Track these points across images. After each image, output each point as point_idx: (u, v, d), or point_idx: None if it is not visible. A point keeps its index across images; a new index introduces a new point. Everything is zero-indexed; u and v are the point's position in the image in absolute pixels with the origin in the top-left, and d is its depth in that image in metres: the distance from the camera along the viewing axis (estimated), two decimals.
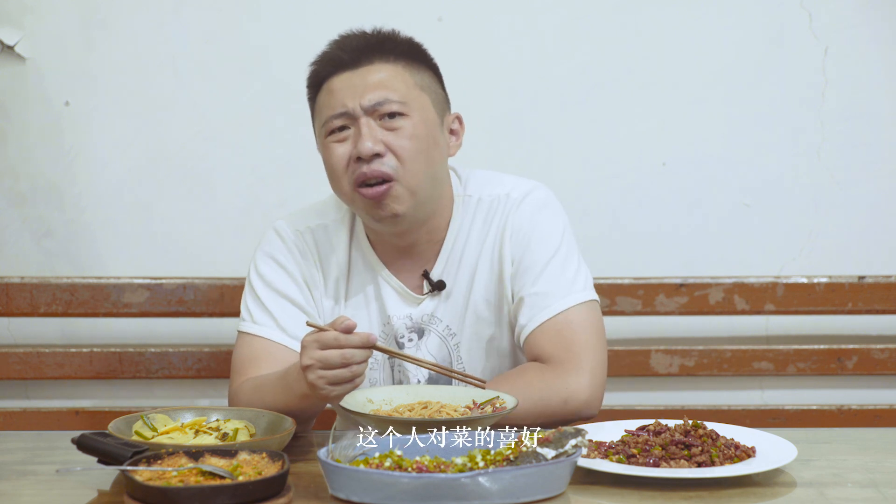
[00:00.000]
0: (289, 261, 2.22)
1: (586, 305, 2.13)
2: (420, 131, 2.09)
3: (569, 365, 2.06)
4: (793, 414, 3.00)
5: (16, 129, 2.99)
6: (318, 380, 1.84)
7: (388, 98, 2.09)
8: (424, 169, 2.09)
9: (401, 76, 2.12)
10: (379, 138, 2.08)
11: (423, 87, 2.13)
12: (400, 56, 2.14)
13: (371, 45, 2.13)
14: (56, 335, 3.02)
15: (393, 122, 2.08)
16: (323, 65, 2.14)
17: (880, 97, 3.03)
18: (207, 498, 1.55)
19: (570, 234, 2.20)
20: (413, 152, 2.08)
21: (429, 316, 2.19)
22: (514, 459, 1.64)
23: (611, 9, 3.01)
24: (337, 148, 2.11)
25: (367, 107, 2.08)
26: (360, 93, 2.09)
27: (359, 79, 2.10)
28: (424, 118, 2.11)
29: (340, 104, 2.09)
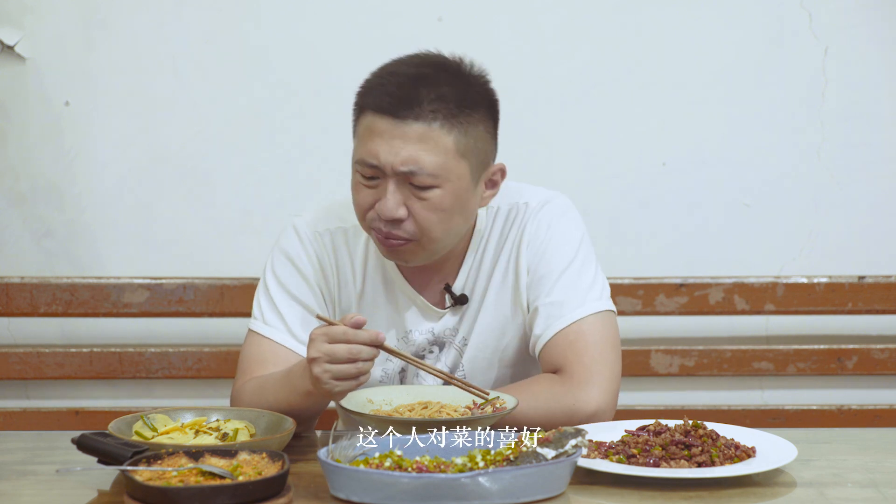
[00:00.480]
0: (305, 263, 2.18)
1: (601, 315, 2.10)
2: (447, 202, 2.02)
3: (579, 377, 2.03)
4: (793, 414, 3.00)
5: (16, 129, 2.99)
6: (323, 374, 1.84)
7: (422, 169, 1.98)
8: (443, 234, 2.04)
9: (441, 143, 2.00)
10: (402, 202, 2.00)
11: (464, 152, 2.02)
12: (450, 114, 2.00)
13: (421, 97, 1.99)
14: (56, 335, 3.02)
15: (421, 192, 2.00)
16: (368, 97, 2.03)
17: (880, 97, 3.03)
18: (207, 498, 1.55)
19: (587, 244, 2.16)
20: (434, 222, 2.02)
21: (451, 330, 2.17)
22: (514, 459, 1.64)
23: (611, 9, 3.01)
24: (364, 190, 2.04)
25: (398, 172, 1.99)
26: (395, 152, 1.99)
27: (398, 134, 1.99)
28: (456, 188, 2.02)
29: (374, 156, 2.00)
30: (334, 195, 2.96)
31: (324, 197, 3.00)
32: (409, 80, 2.01)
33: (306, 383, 1.89)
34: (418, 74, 2.02)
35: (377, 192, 2.02)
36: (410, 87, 2.00)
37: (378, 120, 2.01)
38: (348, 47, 3.00)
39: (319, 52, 3.01)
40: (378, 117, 2.01)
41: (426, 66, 2.04)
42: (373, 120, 2.01)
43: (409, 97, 1.99)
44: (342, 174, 3.00)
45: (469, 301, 2.16)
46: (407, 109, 1.99)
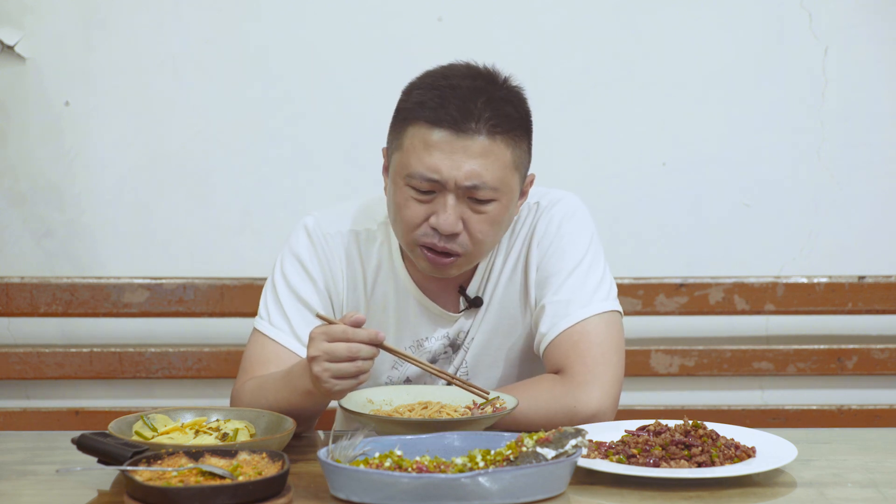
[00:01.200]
0: (314, 265, 2.16)
1: (606, 316, 2.10)
2: (502, 216, 2.03)
3: (580, 378, 2.03)
4: (793, 414, 3.00)
5: (16, 129, 2.99)
6: (322, 372, 1.83)
7: (485, 184, 1.98)
8: (492, 245, 2.07)
9: (501, 156, 2.00)
10: (460, 216, 2.00)
11: (517, 165, 2.04)
12: (508, 129, 2.01)
13: (481, 110, 1.99)
14: (56, 335, 3.02)
15: (480, 205, 2.00)
16: (425, 108, 2.00)
17: (880, 97, 3.03)
18: (207, 498, 1.55)
19: (597, 244, 2.17)
20: (488, 234, 2.03)
21: (465, 333, 2.18)
22: (514, 459, 1.64)
23: (611, 9, 3.01)
24: (415, 205, 2.01)
25: (461, 186, 1.98)
26: (458, 166, 1.97)
27: (460, 148, 1.98)
28: (509, 201, 2.04)
29: (435, 170, 1.98)
30: (336, 195, 3.00)
31: (324, 197, 3.01)
32: (468, 92, 2.00)
33: (306, 382, 1.89)
34: (475, 87, 2.01)
35: (430, 206, 2.01)
36: (470, 99, 1.99)
37: (436, 132, 1.98)
38: (348, 47, 3.00)
39: (319, 52, 3.01)
40: (436, 130, 1.98)
41: (479, 80, 2.03)
42: (428, 132, 1.99)
43: (472, 111, 1.99)
44: (342, 174, 3.02)
45: (483, 304, 2.16)
46: (469, 122, 1.98)
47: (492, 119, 2.00)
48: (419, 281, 2.16)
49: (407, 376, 2.18)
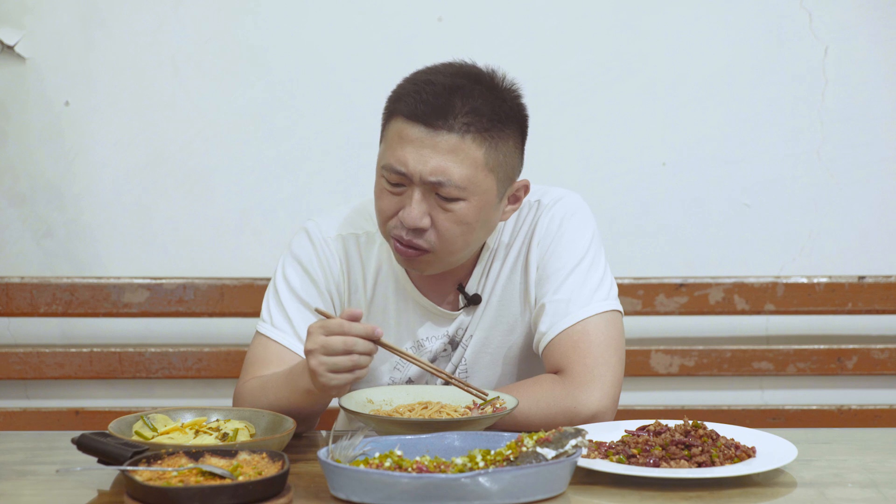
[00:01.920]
0: (315, 268, 2.17)
1: (606, 316, 2.09)
2: (471, 216, 2.02)
3: (580, 378, 2.03)
4: (793, 414, 3.00)
5: (16, 129, 2.99)
6: (318, 366, 1.83)
7: (449, 181, 1.98)
8: (463, 246, 2.05)
9: (472, 154, 1.99)
10: (427, 212, 2.00)
11: (493, 166, 2.02)
12: (483, 128, 2.00)
13: (455, 107, 1.99)
14: (56, 335, 3.02)
15: (447, 203, 2.00)
16: (401, 103, 2.01)
17: (880, 97, 3.03)
18: (207, 498, 1.55)
19: (598, 244, 2.16)
20: (456, 234, 2.02)
21: (463, 330, 2.18)
22: (514, 459, 1.64)
23: (611, 9, 3.01)
24: (388, 196, 2.03)
25: (426, 181, 1.99)
26: (425, 161, 1.98)
27: (429, 144, 1.98)
28: (481, 202, 2.03)
29: (403, 163, 1.99)
30: (336, 195, 3.00)
31: (323, 196, 3.01)
32: (444, 89, 2.00)
33: (306, 381, 1.90)
34: (453, 85, 2.01)
35: (401, 199, 2.02)
36: (445, 96, 1.99)
37: (409, 127, 2.00)
38: (348, 47, 3.00)
39: (319, 52, 3.01)
40: (409, 124, 2.00)
41: (461, 77, 2.03)
42: (403, 126, 2.00)
43: (443, 107, 1.99)
44: (342, 173, 3.02)
45: (481, 301, 2.16)
46: (440, 119, 1.98)
47: (464, 116, 1.99)
48: (418, 281, 2.16)
49: (409, 377, 2.18)
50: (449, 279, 2.16)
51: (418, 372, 2.17)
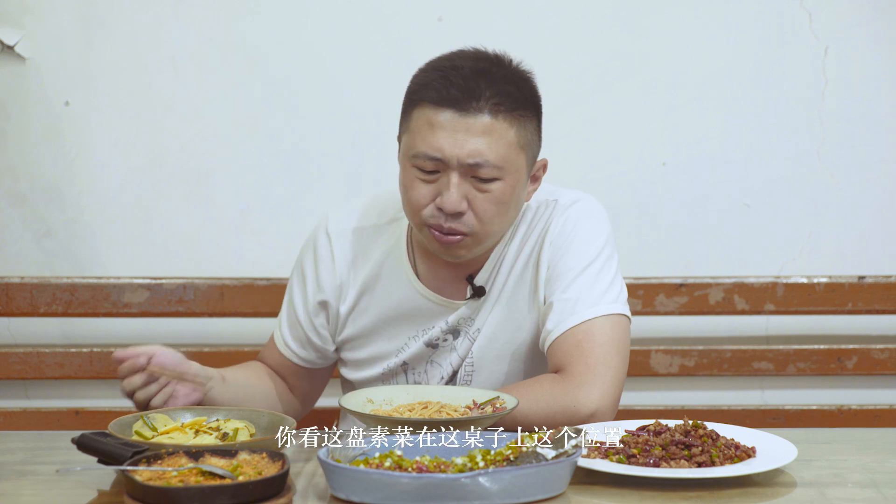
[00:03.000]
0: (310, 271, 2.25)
1: (612, 318, 2.10)
2: (507, 195, 2.05)
3: (581, 378, 2.04)
4: (793, 414, 3.00)
5: (16, 129, 2.99)
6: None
7: (487, 161, 2.01)
8: (500, 227, 2.08)
9: (505, 134, 2.02)
10: (464, 195, 2.03)
11: (523, 144, 2.05)
12: (511, 107, 2.03)
13: (483, 89, 2.02)
14: (56, 335, 3.02)
15: (484, 184, 2.03)
16: (429, 90, 2.03)
17: (880, 97, 3.03)
18: (207, 498, 1.55)
19: (611, 247, 2.18)
20: (494, 215, 2.05)
21: (465, 319, 2.19)
22: (514, 459, 1.64)
23: (611, 9, 3.01)
24: (421, 185, 2.04)
25: (464, 164, 2.01)
26: (461, 145, 2.00)
27: (462, 127, 2.01)
28: (515, 181, 2.05)
29: (437, 149, 2.01)
30: (336, 195, 3.00)
31: (323, 196, 3.01)
32: (471, 73, 2.03)
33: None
34: (478, 68, 2.04)
35: (436, 186, 2.04)
36: (473, 80, 2.02)
37: (439, 113, 2.02)
38: (348, 47, 3.00)
39: (319, 52, 3.01)
40: (439, 110, 2.02)
41: (483, 62, 2.06)
42: (432, 113, 2.02)
43: (473, 90, 2.01)
44: (342, 173, 3.02)
45: (486, 293, 2.17)
46: (472, 101, 2.01)
47: (493, 98, 2.02)
48: (424, 272, 2.19)
49: (404, 360, 2.21)
50: (456, 270, 2.18)
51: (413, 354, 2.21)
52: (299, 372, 2.31)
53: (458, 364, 2.20)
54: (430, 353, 2.20)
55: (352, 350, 2.26)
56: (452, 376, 2.21)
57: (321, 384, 2.38)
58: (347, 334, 2.25)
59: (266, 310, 2.91)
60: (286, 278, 2.38)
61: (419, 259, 2.19)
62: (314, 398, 2.38)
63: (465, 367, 2.20)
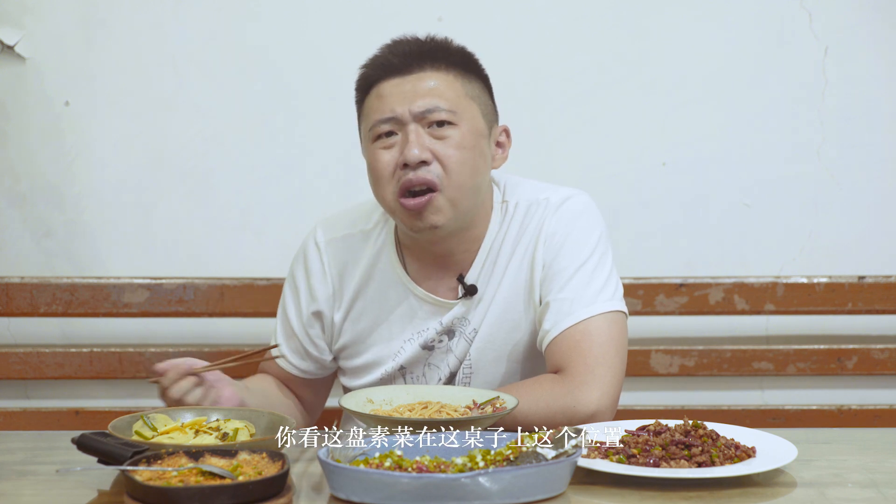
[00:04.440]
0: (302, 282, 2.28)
1: (609, 316, 2.11)
2: (467, 141, 2.08)
3: (580, 378, 2.04)
4: (793, 414, 3.00)
5: (16, 129, 2.99)
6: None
7: (438, 106, 2.07)
8: (469, 179, 2.09)
9: (451, 84, 2.10)
10: (426, 146, 2.06)
11: (472, 96, 2.12)
12: (451, 64, 2.12)
13: (423, 52, 2.11)
14: (56, 335, 3.02)
15: (441, 130, 2.07)
16: (373, 68, 2.13)
17: (880, 97, 3.03)
18: (207, 498, 1.55)
19: (605, 244, 2.18)
20: (459, 162, 2.07)
21: (460, 319, 2.19)
22: (514, 459, 1.64)
23: (611, 9, 3.01)
24: (383, 154, 2.09)
25: (416, 113, 2.07)
26: (410, 99, 2.07)
27: (409, 85, 2.09)
28: (473, 128, 2.10)
29: (389, 109, 2.08)
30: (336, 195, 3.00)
31: (323, 196, 3.01)
32: (409, 44, 2.13)
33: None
34: (418, 40, 2.14)
35: (397, 148, 2.08)
36: (414, 46, 2.12)
37: (386, 84, 2.10)
38: (348, 47, 3.00)
39: (319, 52, 3.01)
40: (386, 82, 2.10)
41: (423, 38, 2.15)
42: (381, 87, 2.11)
43: (414, 54, 2.11)
44: (342, 174, 3.02)
45: (478, 292, 2.17)
46: (413, 63, 2.10)
47: (431, 56, 2.11)
48: (415, 272, 2.20)
49: (402, 363, 2.21)
50: (449, 271, 2.19)
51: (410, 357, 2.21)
52: (300, 383, 2.32)
53: (456, 366, 2.20)
54: (426, 356, 2.20)
55: (349, 358, 2.26)
56: (450, 378, 2.21)
57: (323, 394, 2.38)
58: (344, 342, 2.25)
59: (266, 310, 2.91)
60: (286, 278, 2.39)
61: (409, 259, 2.20)
62: (318, 408, 2.38)
63: (463, 370, 2.20)
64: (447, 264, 2.18)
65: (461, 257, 2.18)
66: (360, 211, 2.28)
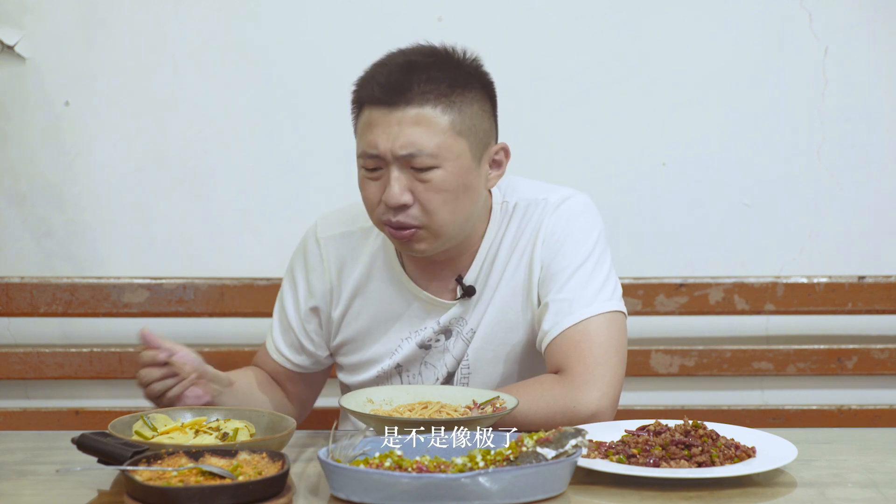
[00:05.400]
0: (301, 277, 2.27)
1: (609, 316, 2.10)
2: (450, 182, 2.04)
3: (580, 378, 2.04)
4: (793, 414, 3.00)
5: (16, 129, 2.99)
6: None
7: (421, 150, 2.02)
8: (451, 217, 2.07)
9: (436, 122, 2.03)
10: (406, 187, 2.03)
11: (461, 130, 2.05)
12: (442, 95, 2.03)
13: (411, 84, 2.03)
14: (56, 335, 3.02)
15: (424, 174, 2.03)
16: (362, 91, 2.09)
17: (880, 97, 3.03)
18: (207, 498, 1.55)
19: (603, 243, 2.17)
20: (440, 204, 2.04)
21: (457, 319, 2.19)
22: (514, 459, 1.64)
23: (611, 9, 3.01)
24: (370, 184, 2.07)
25: (398, 156, 2.02)
26: (393, 139, 2.02)
27: (394, 121, 2.03)
28: (458, 167, 2.05)
29: (373, 146, 2.04)
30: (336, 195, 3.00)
31: (324, 196, 3.01)
32: (398, 68, 2.06)
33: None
34: (407, 62, 2.06)
35: (382, 182, 2.06)
36: (400, 74, 2.04)
37: (373, 112, 2.05)
38: (348, 47, 3.00)
39: (319, 52, 3.01)
40: (373, 109, 2.05)
41: (416, 55, 2.08)
42: (369, 113, 2.06)
43: (400, 84, 2.03)
44: (342, 174, 3.02)
45: (476, 293, 2.17)
46: (398, 96, 2.03)
47: (421, 87, 2.03)
48: (413, 272, 2.20)
49: (398, 361, 2.21)
50: (447, 271, 2.18)
51: (407, 355, 2.21)
52: (294, 377, 2.32)
53: (454, 366, 2.20)
54: (423, 355, 2.20)
55: (347, 354, 2.26)
56: (448, 378, 2.21)
57: (317, 388, 2.38)
58: (342, 339, 2.25)
59: (266, 310, 2.91)
60: None
61: (407, 259, 2.20)
62: (310, 403, 2.39)
63: (461, 370, 2.20)
64: (445, 265, 2.18)
65: (459, 259, 2.17)
66: (360, 208, 2.25)
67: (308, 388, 2.35)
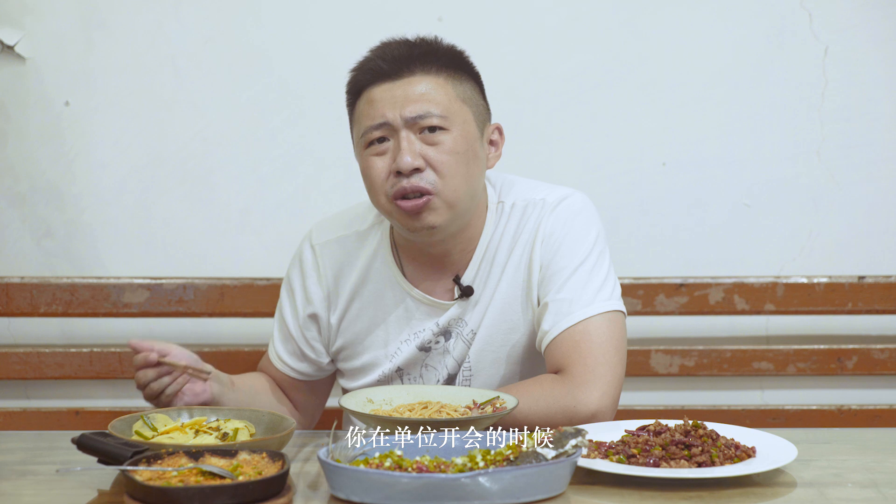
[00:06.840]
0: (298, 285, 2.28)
1: (608, 316, 2.11)
2: (460, 146, 2.07)
3: (580, 378, 2.04)
4: (793, 414, 3.00)
5: (16, 129, 2.99)
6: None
7: (430, 111, 2.06)
8: (463, 183, 2.08)
9: (442, 88, 2.08)
10: (418, 152, 2.05)
11: (464, 99, 2.10)
12: (442, 67, 2.10)
13: (413, 55, 2.09)
14: (56, 335, 3.02)
15: (433, 136, 2.06)
16: (363, 73, 2.11)
17: (880, 97, 3.03)
18: (207, 498, 1.55)
19: (602, 243, 2.18)
20: (452, 167, 2.06)
21: (456, 320, 2.19)
22: (514, 459, 1.64)
23: (611, 9, 3.01)
24: (376, 161, 2.08)
25: (407, 119, 2.05)
26: (401, 104, 2.06)
27: (400, 90, 2.07)
28: (465, 132, 2.08)
29: (380, 115, 2.06)
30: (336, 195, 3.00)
31: (324, 196, 3.01)
32: (398, 46, 2.11)
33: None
34: (406, 42, 2.12)
35: (390, 155, 2.07)
36: (402, 49, 2.10)
37: (376, 89, 2.08)
38: (348, 47, 2.99)
39: (319, 52, 3.01)
40: (376, 87, 2.09)
41: (412, 39, 2.13)
42: (371, 91, 2.09)
43: (403, 58, 2.09)
44: (342, 174, 3.02)
45: (474, 293, 2.17)
46: (403, 68, 2.08)
47: (423, 60, 2.09)
48: (411, 273, 2.20)
49: (399, 365, 2.20)
50: (445, 272, 2.19)
51: (407, 358, 2.21)
52: (298, 385, 2.32)
53: (455, 368, 2.20)
54: (423, 357, 2.20)
55: (347, 360, 2.27)
56: (449, 380, 2.21)
57: (323, 397, 2.38)
58: (341, 343, 2.26)
59: (266, 310, 2.91)
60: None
61: (405, 260, 2.20)
62: (317, 411, 2.38)
63: (462, 372, 2.20)
64: (443, 265, 2.18)
65: (457, 258, 2.18)
66: (354, 212, 2.28)
67: (314, 396, 2.35)
